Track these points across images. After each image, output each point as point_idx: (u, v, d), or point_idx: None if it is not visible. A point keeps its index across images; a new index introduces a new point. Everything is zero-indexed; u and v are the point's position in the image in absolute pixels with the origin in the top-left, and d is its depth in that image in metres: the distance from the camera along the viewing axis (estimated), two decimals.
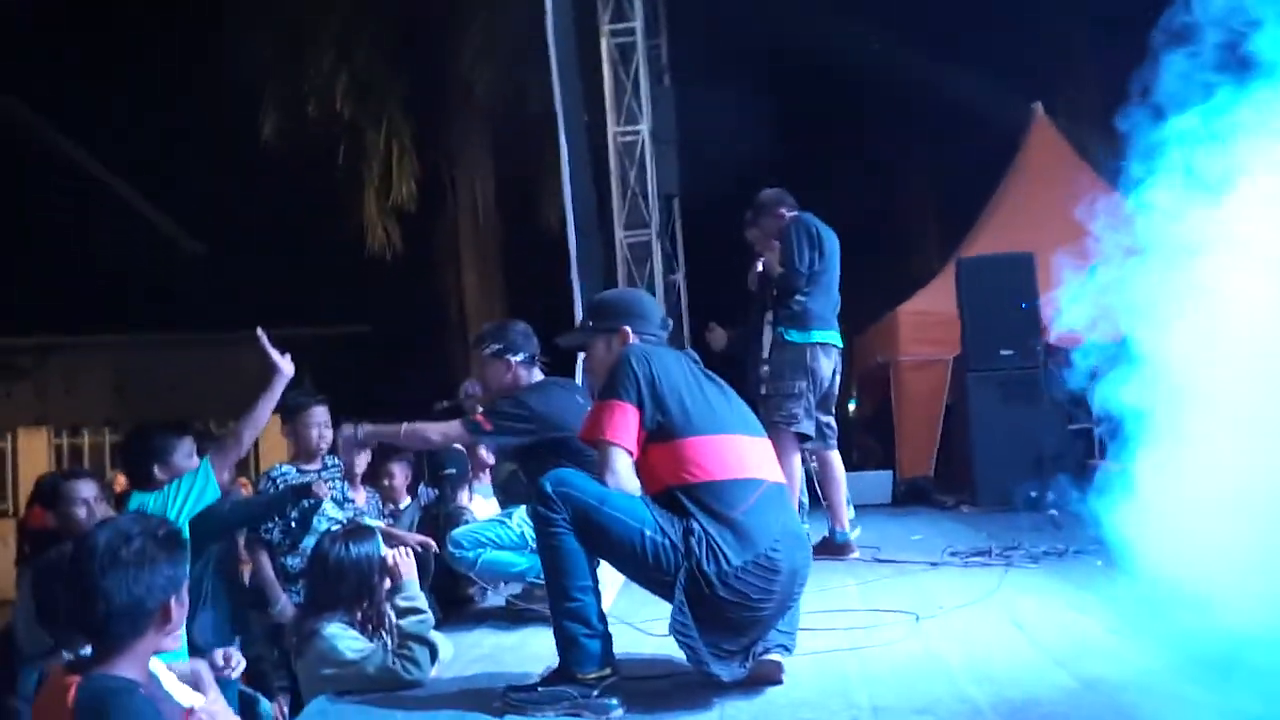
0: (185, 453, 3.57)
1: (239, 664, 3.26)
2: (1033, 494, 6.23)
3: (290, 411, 4.33)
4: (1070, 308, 3.42)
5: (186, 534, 2.65)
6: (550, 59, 8.43)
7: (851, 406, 8.14)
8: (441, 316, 13.88)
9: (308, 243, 14.57)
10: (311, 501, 4.15)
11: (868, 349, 9.08)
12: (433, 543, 4.18)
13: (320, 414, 4.36)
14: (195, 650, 3.25)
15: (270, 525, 4.22)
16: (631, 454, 2.79)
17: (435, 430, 4.02)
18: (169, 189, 16.88)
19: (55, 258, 14.32)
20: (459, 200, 13.38)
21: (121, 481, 9.70)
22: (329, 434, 4.33)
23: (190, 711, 2.11)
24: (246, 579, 4.48)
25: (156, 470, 3.49)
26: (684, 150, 9.82)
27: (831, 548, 4.93)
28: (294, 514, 4.17)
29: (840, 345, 5.11)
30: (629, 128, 9.38)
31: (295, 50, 12.22)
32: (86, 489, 3.77)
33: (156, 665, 2.29)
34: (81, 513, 3.69)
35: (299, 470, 4.34)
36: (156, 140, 16.07)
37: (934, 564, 4.56)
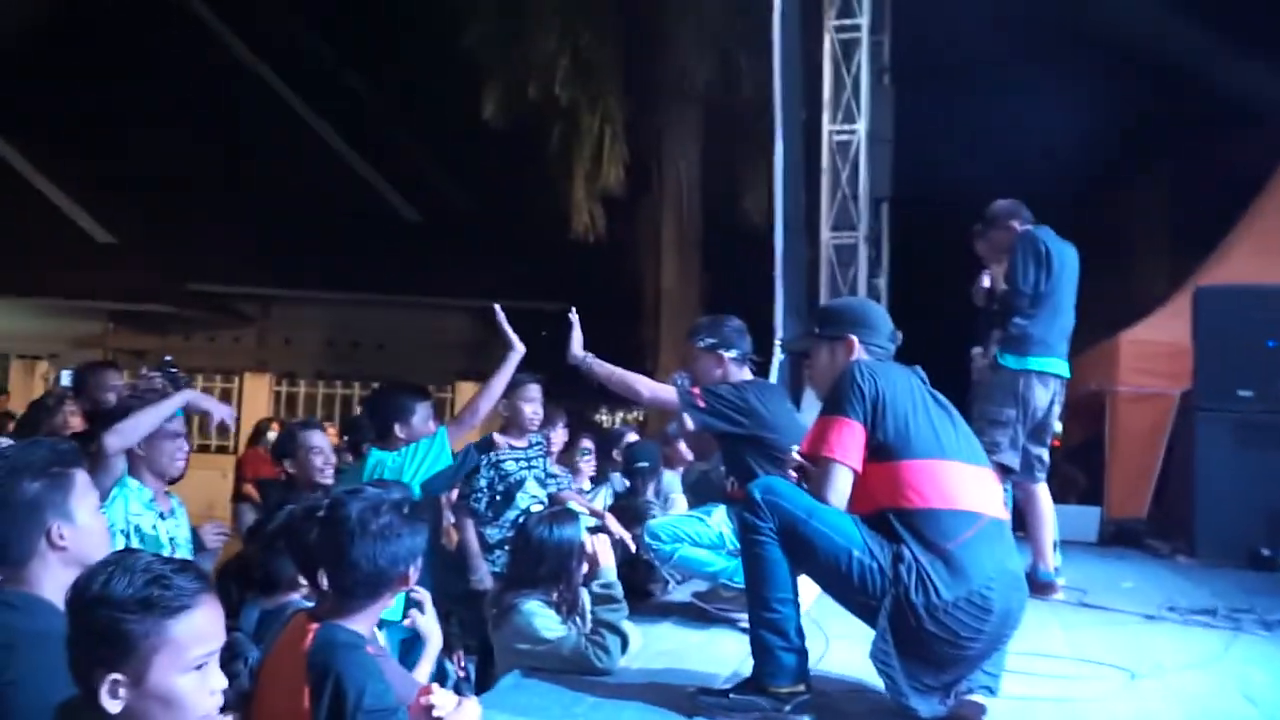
0: (423, 416, 3.78)
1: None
2: (1264, 551, 5.71)
3: (508, 386, 4.44)
4: None
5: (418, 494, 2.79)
6: (773, 53, 8.33)
7: (1058, 429, 7.70)
8: (637, 302, 14.06)
9: (514, 219, 15.09)
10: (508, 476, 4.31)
11: (1081, 374, 8.50)
12: (629, 538, 4.22)
13: (535, 390, 4.49)
14: None
15: (478, 495, 4.37)
16: (856, 473, 2.72)
17: (646, 385, 3.98)
18: (391, 157, 17.89)
19: (285, 215, 15.40)
20: (664, 186, 13.47)
21: (331, 433, 10.35)
22: (541, 411, 4.44)
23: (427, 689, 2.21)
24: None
25: (397, 428, 3.72)
26: (899, 152, 9.52)
27: (1032, 586, 4.62)
28: (500, 487, 4.32)
29: (1064, 375, 4.76)
30: (845, 126, 9.16)
31: (519, 31, 12.60)
32: (321, 439, 4.03)
33: None
34: (318, 461, 3.94)
35: (510, 446, 4.47)
36: (382, 110, 17.04)
37: (1149, 617, 4.23)
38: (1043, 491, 4.82)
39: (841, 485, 2.73)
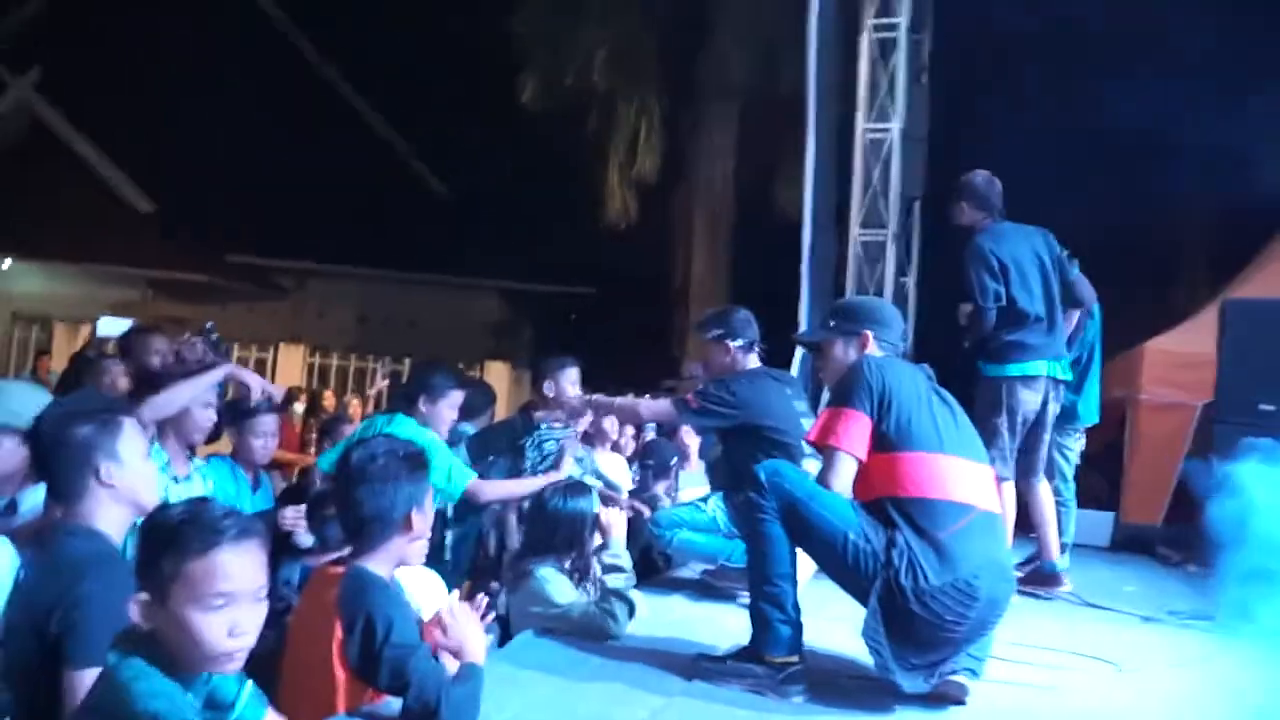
0: (450, 403, 3.88)
1: None
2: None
3: (551, 371, 4.64)
4: None
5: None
6: (809, 49, 8.40)
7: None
8: (666, 289, 14.19)
9: (546, 202, 15.26)
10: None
11: (1105, 382, 8.54)
12: (646, 510, 4.40)
13: (577, 373, 4.65)
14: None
15: (526, 474, 4.51)
16: (860, 463, 2.85)
17: (646, 407, 4.25)
18: (425, 134, 18.07)
19: (323, 190, 15.64)
20: (698, 177, 13.58)
21: (330, 399, 10.51)
22: (579, 393, 4.61)
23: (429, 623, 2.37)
24: None
25: (422, 401, 3.85)
26: (934, 151, 9.56)
27: (1040, 578, 4.70)
28: (544, 467, 4.49)
29: (1056, 375, 4.67)
30: (879, 125, 9.21)
31: (562, 17, 12.73)
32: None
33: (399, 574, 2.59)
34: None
35: (550, 426, 4.64)
36: (418, 89, 17.22)
37: (1147, 619, 4.33)
38: (1044, 489, 4.84)
39: (845, 473, 2.86)
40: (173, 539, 1.65)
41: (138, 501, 2.22)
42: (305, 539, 3.44)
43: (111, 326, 7.59)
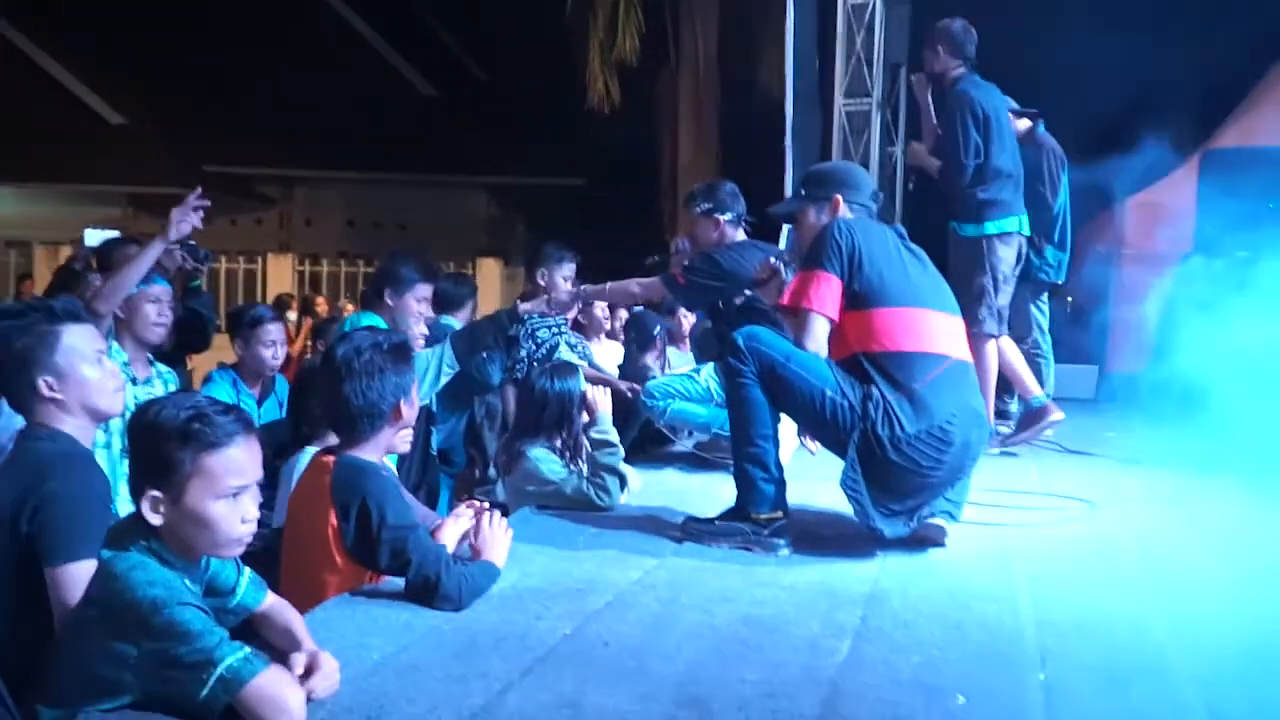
0: (419, 295, 3.75)
1: None
2: None
3: (545, 259, 4.65)
4: None
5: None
6: None
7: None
8: (654, 174, 14.07)
9: (530, 93, 14.98)
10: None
11: (1087, 241, 8.56)
12: (639, 389, 4.49)
13: (571, 267, 4.65)
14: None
15: (520, 365, 4.53)
16: (832, 322, 2.93)
17: (636, 284, 4.28)
18: (407, 31, 17.63)
19: (304, 95, 15.34)
20: (680, 58, 13.32)
21: (322, 304, 10.58)
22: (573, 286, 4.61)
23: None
24: None
25: (387, 293, 3.74)
26: (917, 16, 9.34)
27: (1031, 417, 4.65)
28: (540, 354, 4.53)
29: (1026, 232, 4.71)
30: None
31: None
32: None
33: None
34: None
35: (540, 315, 4.60)
36: None
37: (1125, 460, 4.48)
38: (1007, 342, 4.79)
39: (818, 333, 2.95)
40: (186, 436, 1.72)
41: (92, 408, 2.20)
42: None
43: (98, 238, 7.57)
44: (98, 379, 2.21)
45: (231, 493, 1.74)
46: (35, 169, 14.49)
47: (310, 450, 2.83)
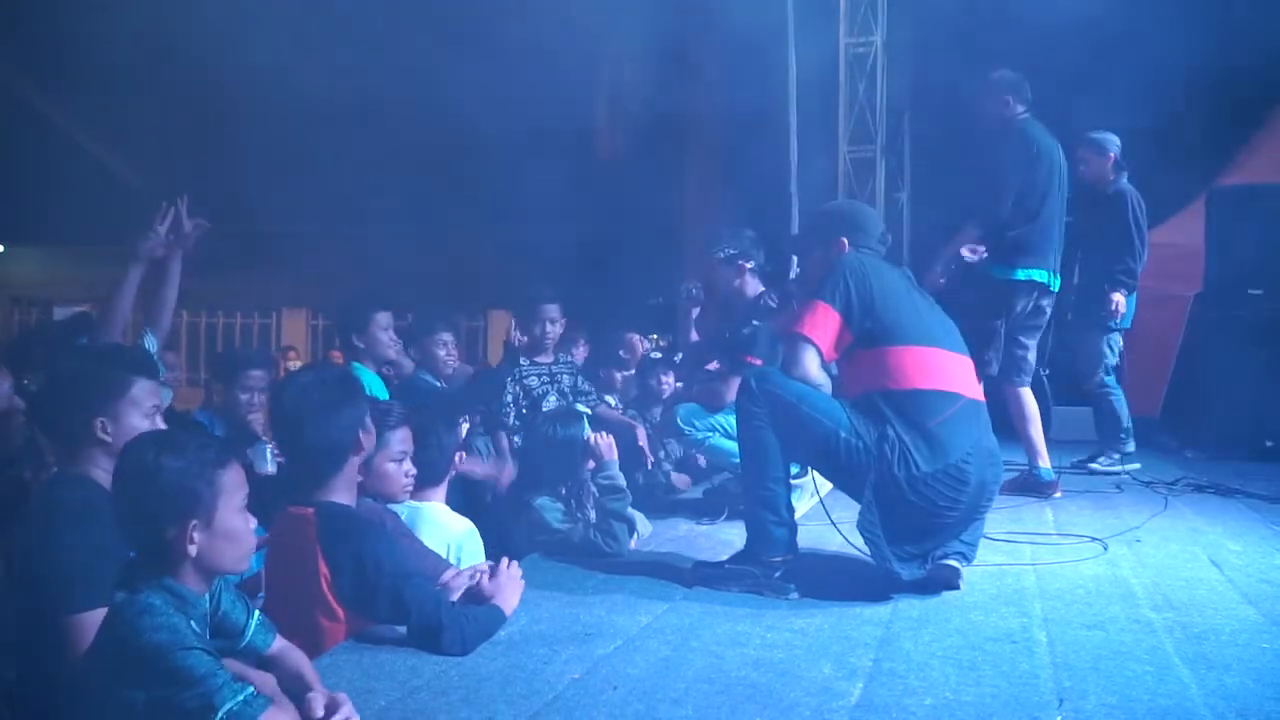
0: (382, 324, 3.86)
1: None
2: (1268, 443, 5.84)
3: (529, 307, 4.51)
4: None
5: None
6: None
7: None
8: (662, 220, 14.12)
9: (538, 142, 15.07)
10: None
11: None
12: (642, 430, 4.44)
13: (555, 310, 4.50)
14: None
15: (505, 410, 4.45)
16: (823, 352, 2.91)
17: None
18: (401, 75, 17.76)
19: (308, 151, 15.47)
20: (687, 104, 13.47)
21: (337, 358, 10.55)
22: (558, 331, 4.51)
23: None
24: None
25: (355, 339, 3.83)
26: (920, 64, 9.45)
27: (1034, 486, 4.64)
28: (525, 402, 4.48)
29: (1053, 287, 4.64)
30: (862, 38, 9.13)
31: None
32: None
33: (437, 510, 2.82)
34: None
35: (532, 363, 4.56)
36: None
37: (1139, 498, 4.43)
38: (1026, 394, 4.76)
39: (805, 360, 2.91)
40: (202, 463, 1.80)
41: None
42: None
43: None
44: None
45: (244, 505, 1.86)
46: (55, 232, 14.71)
47: None
